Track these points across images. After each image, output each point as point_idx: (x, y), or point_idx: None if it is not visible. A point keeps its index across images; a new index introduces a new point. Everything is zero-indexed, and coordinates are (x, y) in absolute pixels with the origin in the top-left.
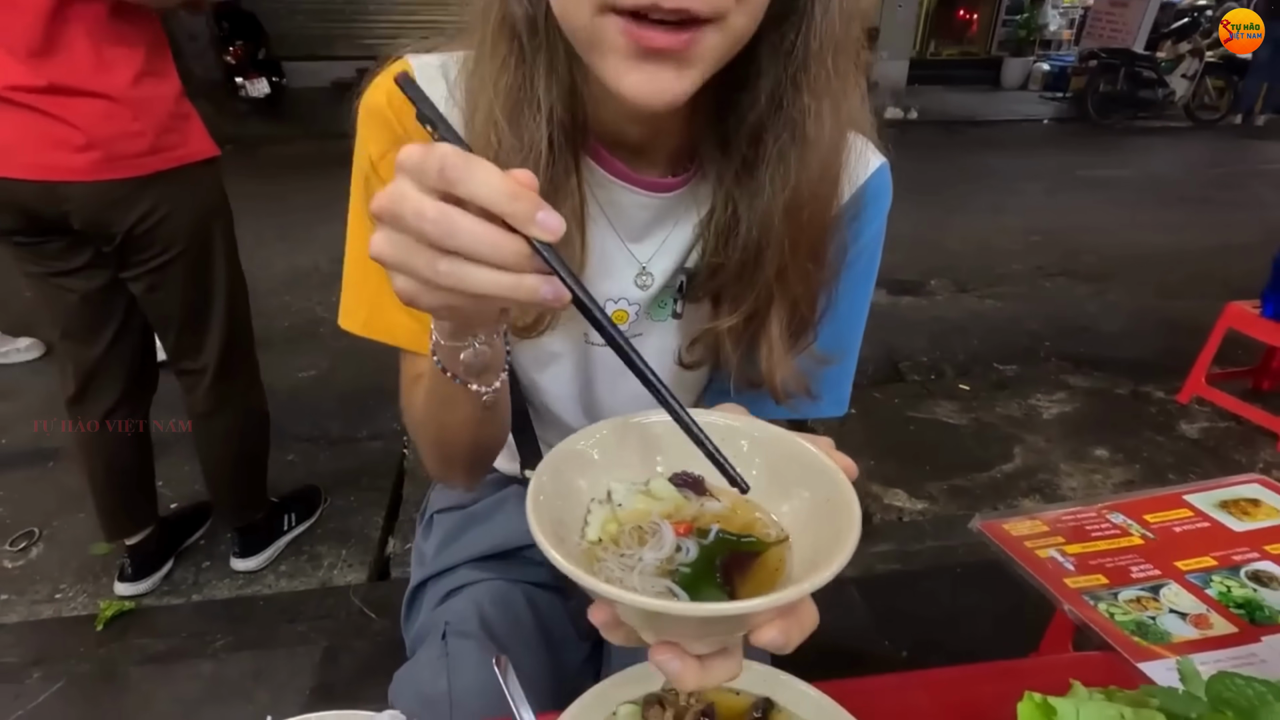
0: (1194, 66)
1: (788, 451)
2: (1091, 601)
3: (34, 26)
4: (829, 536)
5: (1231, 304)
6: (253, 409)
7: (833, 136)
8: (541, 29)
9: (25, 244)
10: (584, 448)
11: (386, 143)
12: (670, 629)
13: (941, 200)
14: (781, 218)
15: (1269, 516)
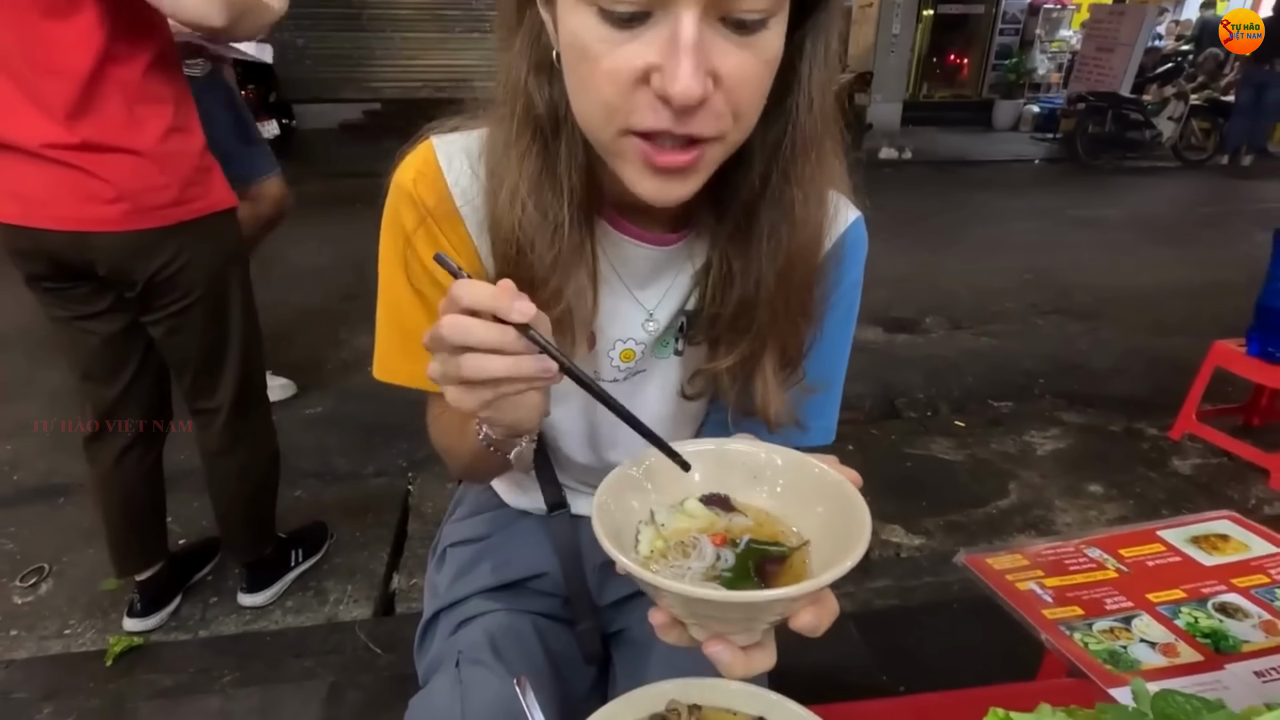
0: (1179, 109)
1: (806, 472)
2: (1067, 631)
3: (73, 90)
4: (844, 538)
5: (1218, 343)
6: (264, 447)
7: (816, 214)
8: (563, 121)
9: (52, 289)
10: (635, 474)
11: (415, 219)
12: (719, 622)
13: (936, 238)
14: (772, 279)
15: (1237, 551)
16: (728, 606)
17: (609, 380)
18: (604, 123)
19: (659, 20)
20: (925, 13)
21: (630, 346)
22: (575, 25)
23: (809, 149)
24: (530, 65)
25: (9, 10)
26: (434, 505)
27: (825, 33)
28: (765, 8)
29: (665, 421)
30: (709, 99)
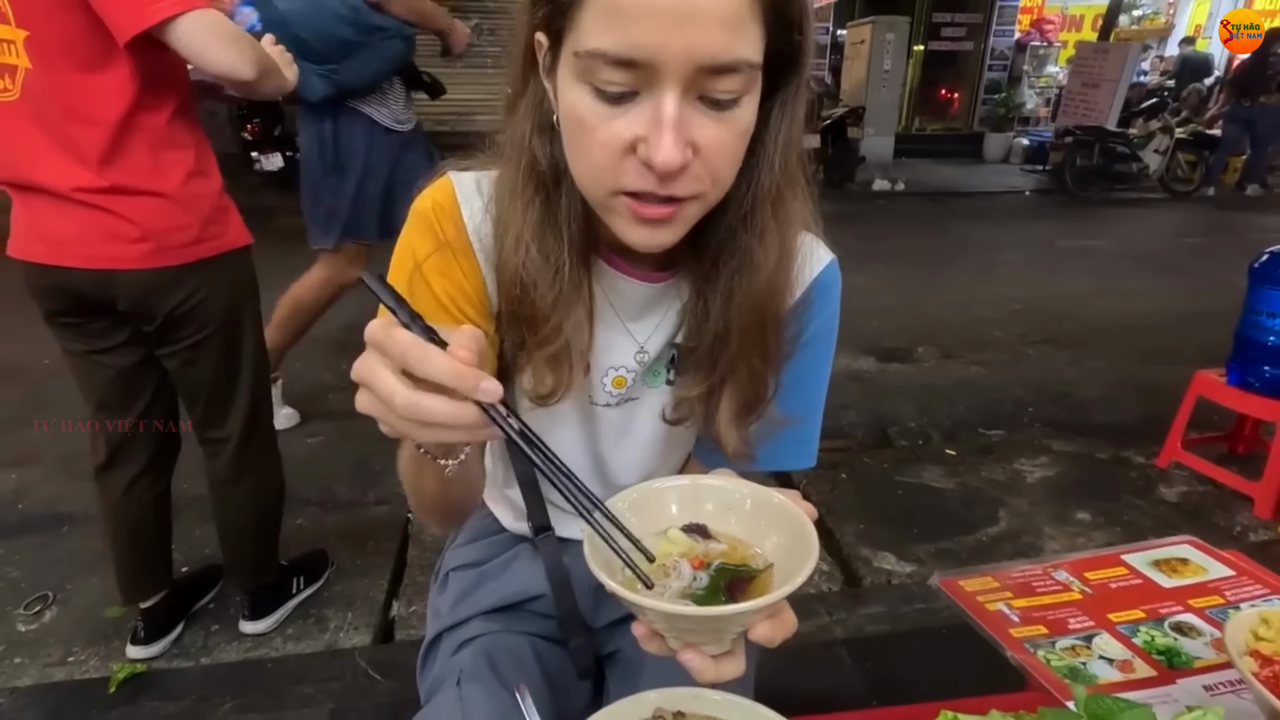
0: (1165, 142)
1: (769, 503)
2: (1032, 649)
3: (106, 137)
4: (797, 561)
5: (1200, 372)
6: (269, 476)
7: (775, 260)
8: (563, 175)
9: (70, 324)
10: (621, 507)
11: (431, 245)
12: (692, 633)
13: (928, 269)
14: (735, 319)
15: (1195, 574)
16: (695, 619)
17: (602, 404)
18: (597, 184)
19: (645, 98)
20: (916, 49)
21: (622, 374)
22: (573, 99)
23: (766, 202)
24: (534, 126)
25: (46, 64)
26: (433, 533)
27: (791, 105)
28: (737, 89)
29: (657, 444)
30: (689, 166)
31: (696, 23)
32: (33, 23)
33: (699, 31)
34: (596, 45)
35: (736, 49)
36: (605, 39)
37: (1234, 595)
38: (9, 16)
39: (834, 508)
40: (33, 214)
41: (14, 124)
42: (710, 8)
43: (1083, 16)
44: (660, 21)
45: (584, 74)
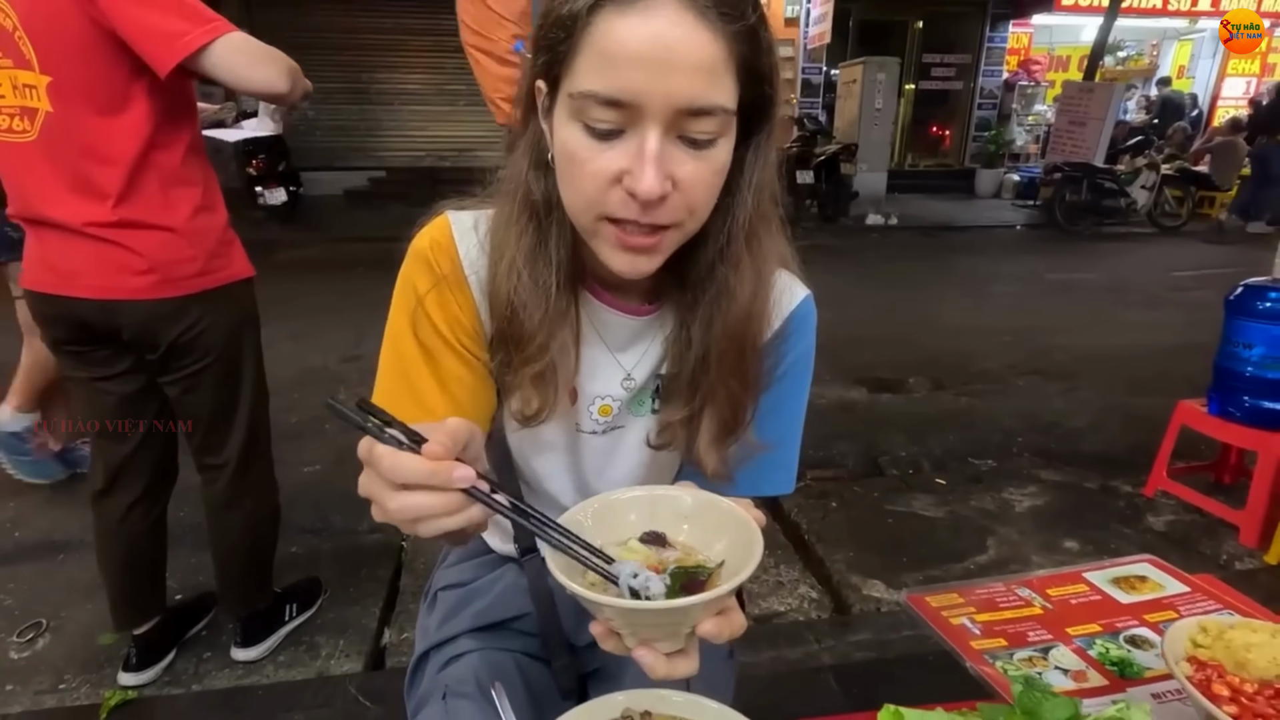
0: (1152, 179)
1: (717, 509)
2: (991, 660)
3: (121, 175)
4: (743, 560)
5: (1182, 402)
6: (265, 502)
7: (751, 290)
8: (554, 208)
9: (75, 352)
10: (580, 517)
11: (429, 281)
12: (646, 629)
13: (920, 301)
14: (715, 345)
15: (1153, 591)
16: (648, 613)
17: (588, 432)
18: (585, 211)
19: (630, 136)
20: (907, 87)
21: (608, 402)
22: (566, 136)
23: (741, 236)
24: (530, 163)
25: (66, 107)
26: (426, 561)
27: (764, 150)
28: (713, 130)
29: (641, 471)
30: (668, 197)
31: (677, 71)
32: (56, 69)
33: (679, 78)
34: (589, 87)
35: (712, 95)
36: (596, 82)
37: (1187, 610)
38: (33, 63)
39: (824, 536)
40: (44, 246)
41: (30, 163)
42: (689, 59)
43: (1069, 57)
44: (645, 69)
45: (577, 113)
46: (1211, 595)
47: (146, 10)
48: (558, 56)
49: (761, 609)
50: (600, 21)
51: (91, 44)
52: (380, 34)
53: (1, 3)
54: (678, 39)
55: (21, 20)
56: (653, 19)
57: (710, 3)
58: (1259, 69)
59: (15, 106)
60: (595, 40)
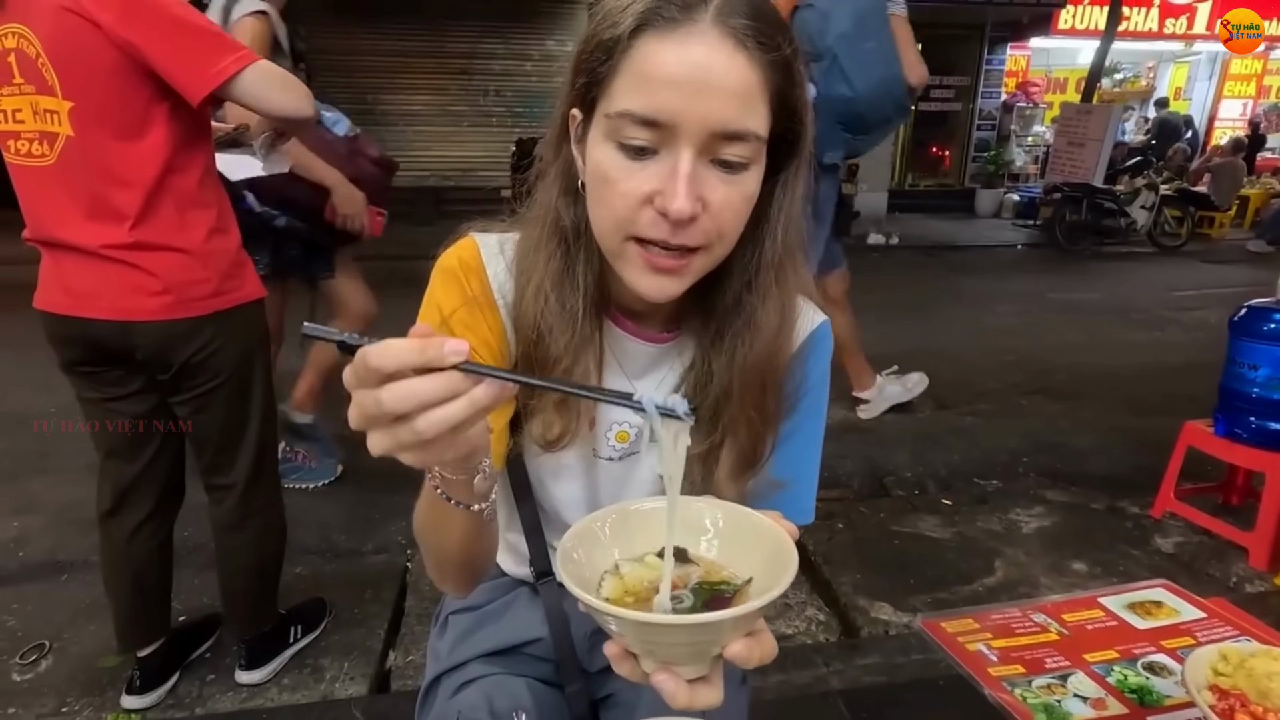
0: (1151, 199)
1: (748, 522)
2: (1009, 687)
3: (139, 198)
4: (775, 576)
5: (1188, 423)
6: (272, 522)
7: (777, 323)
8: (583, 234)
9: (87, 372)
10: (597, 528)
11: (458, 300)
12: (665, 648)
13: (922, 320)
14: (737, 378)
15: (1169, 616)
16: (668, 629)
17: (605, 458)
18: (614, 231)
19: (664, 157)
20: None
21: (625, 429)
22: (599, 156)
23: (770, 269)
24: (561, 190)
25: (87, 132)
26: (431, 582)
27: (792, 185)
28: (745, 155)
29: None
30: (698, 218)
31: (713, 94)
32: (78, 94)
33: (714, 101)
34: (626, 106)
35: (745, 120)
36: (634, 101)
37: (1205, 637)
38: (56, 89)
39: (830, 557)
40: (59, 268)
41: (49, 187)
42: (725, 82)
43: (1066, 79)
44: (682, 90)
45: (612, 133)
46: (1228, 621)
47: (177, 40)
48: (597, 78)
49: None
50: (641, 45)
51: (115, 70)
52: (385, 56)
53: (25, 30)
54: (715, 64)
55: (45, 47)
56: (692, 44)
57: (748, 32)
58: (1255, 91)
59: (35, 131)
60: (635, 62)
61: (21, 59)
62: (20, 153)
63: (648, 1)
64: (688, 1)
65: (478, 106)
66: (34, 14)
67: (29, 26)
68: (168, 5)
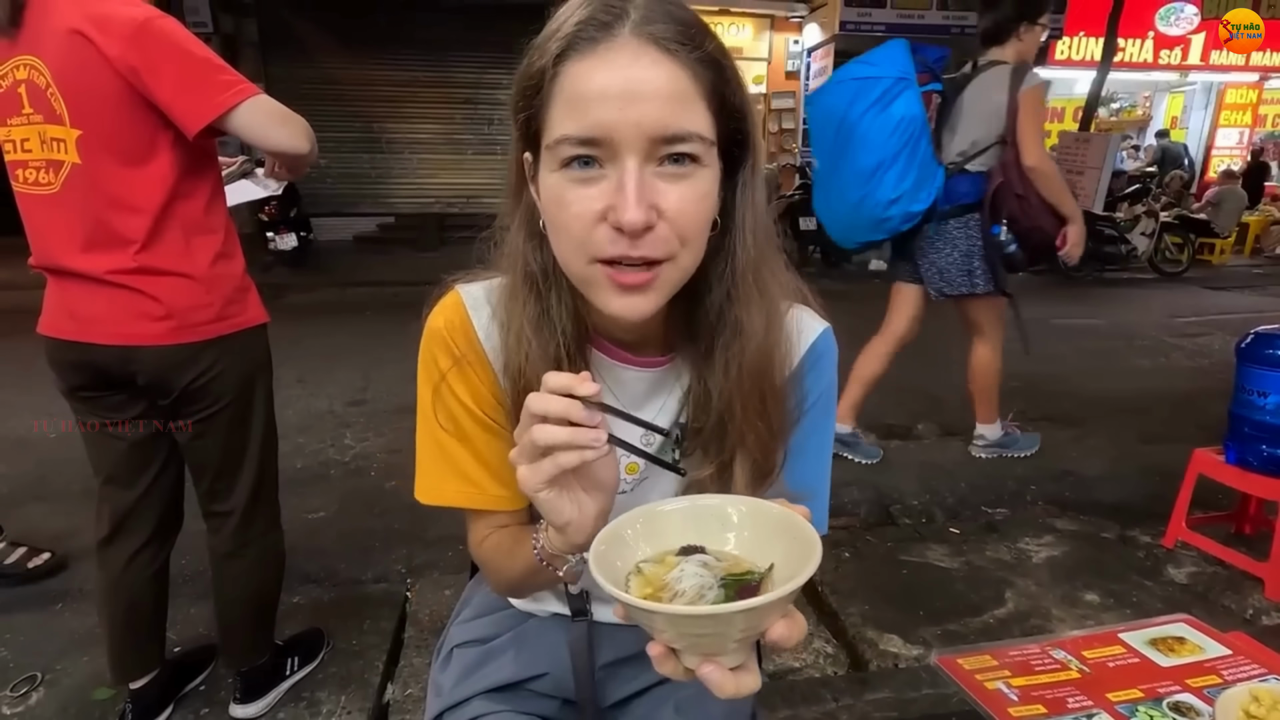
0: (1151, 226)
1: (769, 514)
2: None
3: (146, 224)
4: (800, 561)
5: (1198, 451)
6: (271, 550)
7: (764, 328)
8: (551, 275)
9: (88, 398)
10: (626, 531)
11: (449, 361)
12: (708, 639)
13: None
14: (735, 390)
15: (1192, 653)
16: (713, 620)
17: (620, 493)
18: (576, 254)
19: (609, 172)
20: None
21: (634, 461)
22: (550, 185)
23: (747, 273)
24: (525, 235)
25: (94, 160)
26: (432, 612)
27: (751, 186)
28: (692, 153)
29: None
30: (655, 227)
31: (644, 100)
32: (86, 122)
33: (647, 106)
34: (563, 132)
35: (682, 122)
36: (569, 125)
37: (1231, 675)
38: (64, 118)
39: (838, 587)
40: (64, 294)
41: (54, 215)
42: (655, 87)
43: (1064, 109)
44: (613, 103)
45: (556, 161)
46: (1254, 658)
47: (178, 71)
48: (533, 111)
49: (776, 665)
50: (567, 69)
51: (120, 97)
52: (391, 85)
53: (36, 61)
54: (641, 70)
55: (55, 77)
56: (614, 57)
57: (666, 35)
58: (1251, 120)
59: (42, 160)
60: (564, 87)
61: (31, 89)
62: (28, 181)
63: (569, 28)
64: (605, 20)
65: (482, 135)
66: (45, 44)
67: (39, 57)
68: (175, 36)
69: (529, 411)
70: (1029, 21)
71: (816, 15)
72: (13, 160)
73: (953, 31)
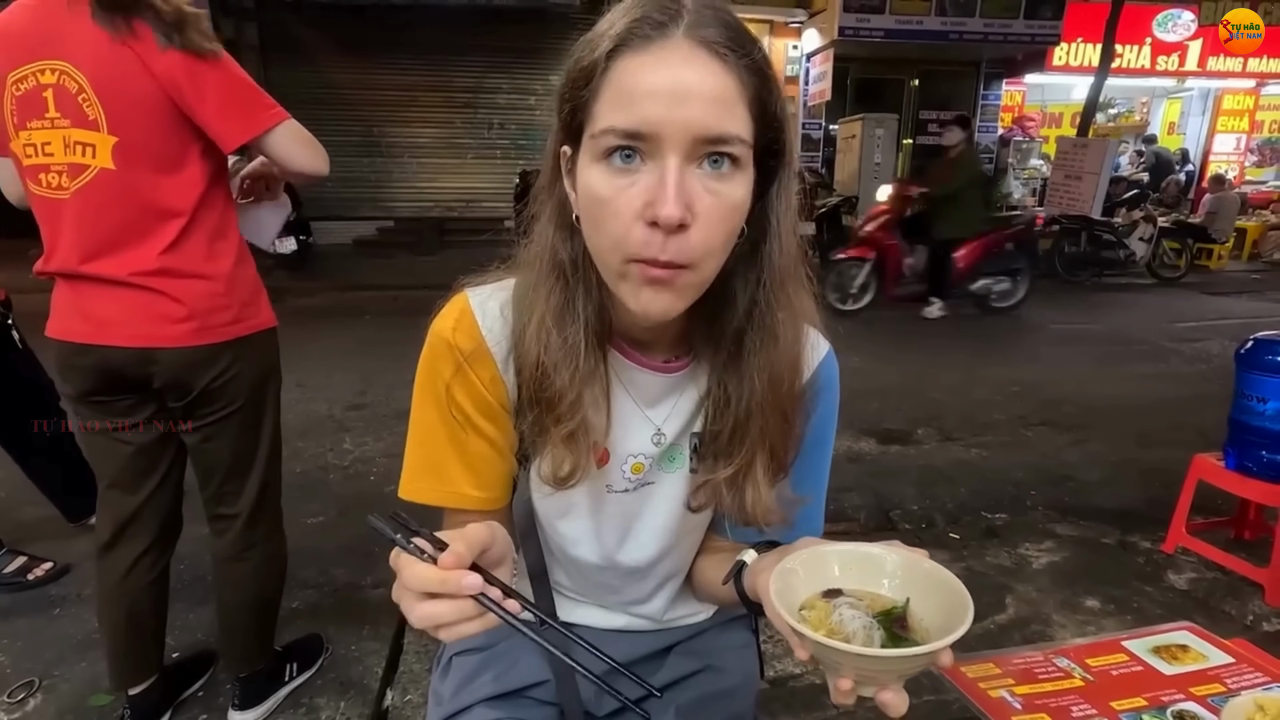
0: (1149, 230)
1: (920, 566)
2: None
3: (177, 228)
4: (952, 611)
5: (1198, 456)
6: (274, 554)
7: (794, 334)
8: (581, 266)
9: (96, 402)
10: (793, 563)
11: (452, 368)
12: (888, 676)
13: (924, 351)
14: (761, 394)
15: (1196, 661)
16: (921, 658)
17: (620, 490)
18: (613, 252)
19: (651, 167)
20: (905, 142)
21: (640, 460)
22: (590, 178)
23: (785, 282)
24: (556, 226)
25: (130, 166)
26: None
27: (785, 193)
28: (732, 156)
29: (669, 532)
30: (688, 229)
31: (692, 101)
32: (123, 130)
33: (695, 108)
34: (609, 123)
35: (726, 124)
36: (616, 117)
37: (1234, 683)
38: (101, 123)
39: None
40: (79, 296)
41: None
42: (704, 90)
43: (1061, 114)
44: (663, 100)
45: (599, 152)
46: (1258, 666)
47: (220, 93)
48: (580, 104)
49: (777, 670)
50: (619, 64)
51: (161, 109)
52: (391, 90)
53: (67, 66)
54: (692, 72)
55: (91, 83)
56: (667, 56)
57: (718, 39)
58: (1248, 126)
59: (64, 164)
60: (614, 81)
61: (60, 94)
62: (51, 185)
63: (623, 25)
64: (660, 20)
65: (482, 139)
66: (80, 50)
67: (73, 63)
68: (222, 61)
69: (419, 622)
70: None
71: (815, 20)
72: (32, 165)
73: (951, 37)
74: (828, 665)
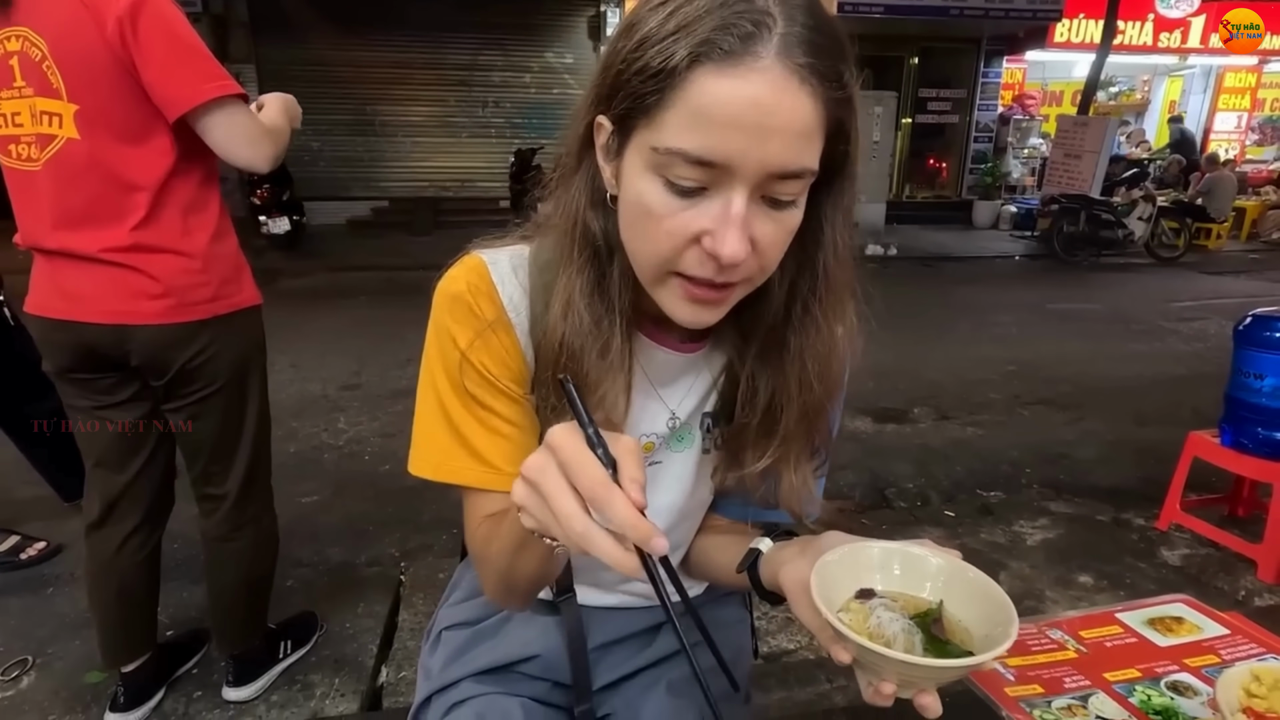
0: (1148, 210)
1: (964, 573)
2: (1027, 708)
3: (145, 201)
4: (994, 621)
5: (1193, 434)
6: (264, 533)
7: (843, 338)
8: (615, 249)
9: (79, 379)
10: (833, 560)
11: (472, 330)
12: (928, 681)
13: (921, 331)
14: (797, 390)
15: (1190, 633)
16: (961, 668)
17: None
18: (655, 265)
19: (715, 196)
20: (904, 121)
21: (652, 440)
22: (642, 188)
23: (838, 290)
24: (587, 200)
25: (94, 135)
26: (425, 596)
27: (843, 197)
28: (798, 192)
29: (674, 512)
30: (746, 259)
31: (774, 135)
32: (84, 97)
33: (774, 143)
34: (678, 145)
35: (803, 159)
36: (689, 140)
37: (1229, 654)
38: (61, 91)
39: None
40: (55, 271)
41: (44, 191)
42: (788, 124)
43: (1062, 92)
44: (743, 132)
45: (659, 167)
46: (1252, 638)
47: (164, 55)
48: (643, 105)
49: (771, 647)
50: (697, 79)
51: (117, 74)
52: (384, 68)
53: (30, 33)
54: (779, 104)
55: (51, 50)
56: (754, 81)
57: (813, 69)
58: (1249, 104)
59: (33, 135)
60: (691, 97)
61: (24, 61)
62: (21, 157)
63: (704, 31)
64: (749, 32)
65: (477, 118)
66: (42, 16)
67: (35, 29)
68: (169, 18)
69: (569, 537)
70: None
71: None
72: (2, 136)
73: (952, 13)
74: (868, 668)
